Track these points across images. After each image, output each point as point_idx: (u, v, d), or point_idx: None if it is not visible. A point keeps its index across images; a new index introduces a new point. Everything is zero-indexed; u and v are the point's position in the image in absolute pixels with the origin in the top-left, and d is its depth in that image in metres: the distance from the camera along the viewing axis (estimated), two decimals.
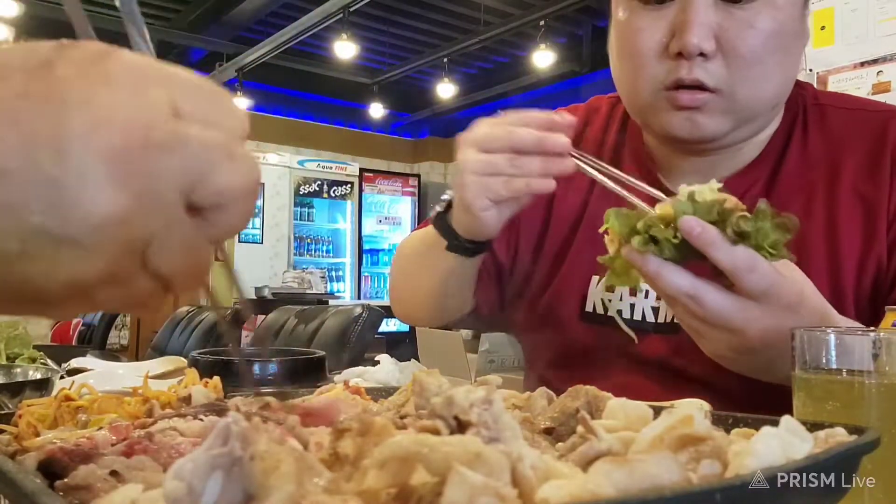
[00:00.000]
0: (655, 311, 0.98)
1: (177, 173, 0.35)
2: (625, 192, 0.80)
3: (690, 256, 0.67)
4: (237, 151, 0.38)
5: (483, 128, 0.86)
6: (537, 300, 1.07)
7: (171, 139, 0.35)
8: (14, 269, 0.34)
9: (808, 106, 1.00)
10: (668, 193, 0.79)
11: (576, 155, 0.82)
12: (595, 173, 0.82)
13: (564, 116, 0.84)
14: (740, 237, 0.65)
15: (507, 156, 0.82)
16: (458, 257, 0.97)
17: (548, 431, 0.54)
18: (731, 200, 0.67)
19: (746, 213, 0.66)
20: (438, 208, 0.97)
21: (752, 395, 0.80)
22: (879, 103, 1.06)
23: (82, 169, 0.33)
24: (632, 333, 0.92)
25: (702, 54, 0.87)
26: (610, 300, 1.00)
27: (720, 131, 0.92)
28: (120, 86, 0.35)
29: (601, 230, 0.73)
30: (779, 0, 0.88)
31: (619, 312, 0.99)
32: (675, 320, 0.79)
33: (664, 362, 0.96)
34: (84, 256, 0.34)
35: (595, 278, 1.02)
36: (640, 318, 0.98)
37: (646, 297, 0.98)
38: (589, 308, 1.02)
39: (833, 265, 0.91)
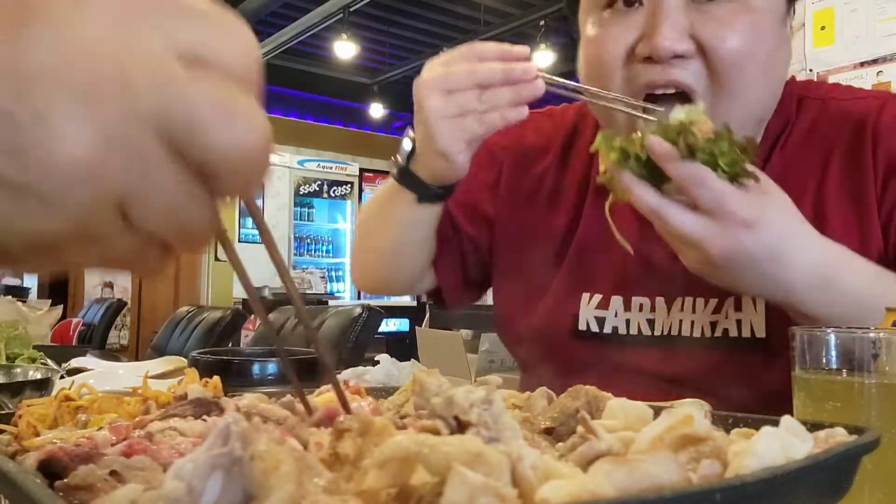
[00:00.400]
0: (651, 322, 0.96)
1: (157, 119, 0.30)
2: (605, 103, 0.82)
3: (659, 174, 0.70)
4: (238, 105, 0.32)
5: (439, 69, 0.82)
6: (526, 318, 1.04)
7: (154, 80, 0.30)
8: None
9: (800, 99, 0.97)
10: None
11: (543, 76, 0.81)
12: (564, 89, 0.84)
13: (522, 47, 0.83)
14: (692, 154, 0.68)
15: (475, 93, 0.80)
16: (423, 207, 0.94)
17: (548, 431, 0.54)
18: (707, 124, 0.70)
19: (710, 135, 0.69)
20: (400, 160, 0.93)
21: (748, 406, 0.80)
22: (863, 91, 1.01)
23: (45, 106, 0.28)
24: (626, 245, 0.83)
25: (679, 56, 0.82)
26: (604, 318, 0.98)
27: None
28: (101, 11, 0.30)
29: (591, 149, 0.75)
30: (755, 2, 0.84)
31: (615, 329, 0.97)
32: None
33: (661, 374, 0.94)
34: (47, 209, 0.29)
35: (586, 296, 0.99)
36: (635, 332, 0.96)
37: (640, 310, 0.96)
38: (582, 327, 0.99)
39: None
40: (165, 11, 0.31)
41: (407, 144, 0.91)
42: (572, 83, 0.83)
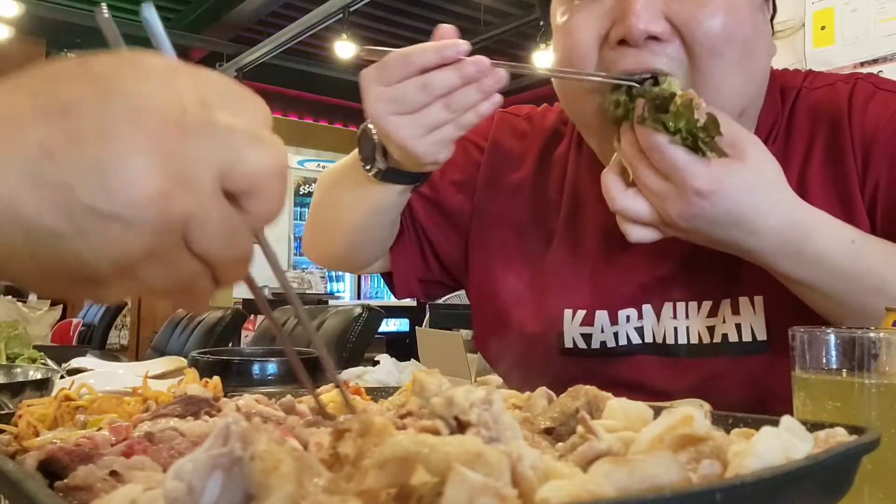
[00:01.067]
0: (640, 331, 0.94)
1: (209, 155, 0.38)
2: (570, 76, 0.85)
3: None
4: (264, 136, 0.40)
5: (387, 92, 0.78)
6: (507, 339, 1.00)
7: (201, 125, 0.38)
8: (68, 248, 0.36)
9: (781, 90, 0.95)
10: None
11: (497, 63, 0.77)
12: (526, 68, 0.88)
13: (455, 40, 0.77)
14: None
15: (439, 104, 0.76)
16: (393, 190, 0.90)
17: (548, 431, 0.54)
18: (688, 94, 0.74)
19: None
20: (379, 164, 0.88)
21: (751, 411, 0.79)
22: (832, 76, 0.97)
23: (124, 151, 0.36)
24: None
25: (654, 38, 0.79)
26: (591, 334, 0.95)
27: None
28: (152, 78, 0.39)
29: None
30: None
31: (604, 344, 0.94)
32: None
33: (652, 383, 0.92)
34: (129, 232, 0.36)
35: (568, 312, 0.96)
36: (625, 343, 0.94)
37: (627, 321, 0.94)
38: (568, 344, 0.96)
39: None
40: (197, 78, 0.41)
41: (369, 145, 0.88)
42: (527, 66, 0.87)
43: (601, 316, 0.94)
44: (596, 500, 0.33)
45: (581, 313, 0.95)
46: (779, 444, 0.40)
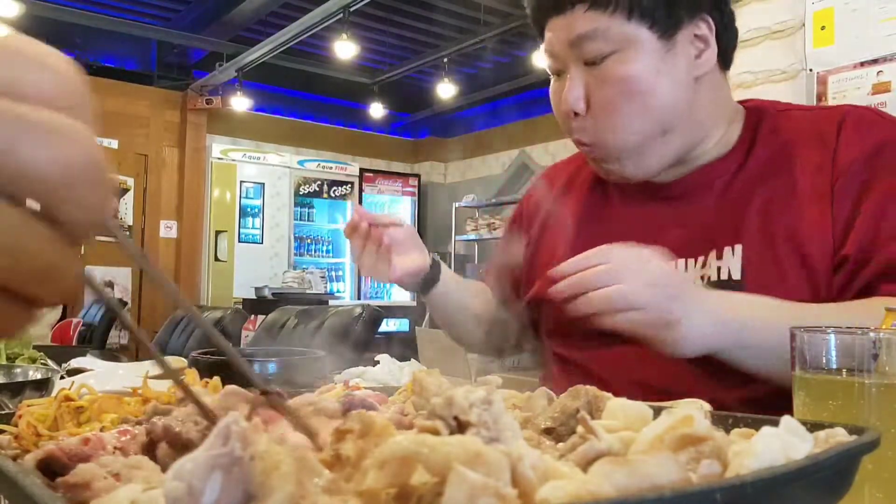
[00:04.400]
0: None
1: None
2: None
3: None
4: (54, 123, 0.30)
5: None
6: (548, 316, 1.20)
7: None
8: None
9: (768, 114, 1.11)
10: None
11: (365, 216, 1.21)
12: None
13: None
14: None
15: (367, 252, 1.21)
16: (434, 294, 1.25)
17: (548, 431, 0.54)
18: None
19: None
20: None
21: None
22: (833, 106, 1.15)
23: None
24: None
25: (577, 113, 1.05)
26: None
27: (628, 172, 1.08)
28: None
29: None
30: (628, 55, 1.01)
31: None
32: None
33: None
34: None
35: None
36: None
37: None
38: None
39: (799, 245, 0.99)
40: None
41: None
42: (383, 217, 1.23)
43: None
44: (596, 500, 0.33)
45: None
46: (779, 445, 0.40)
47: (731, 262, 1.01)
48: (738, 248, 1.01)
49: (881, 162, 0.98)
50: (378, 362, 1.29)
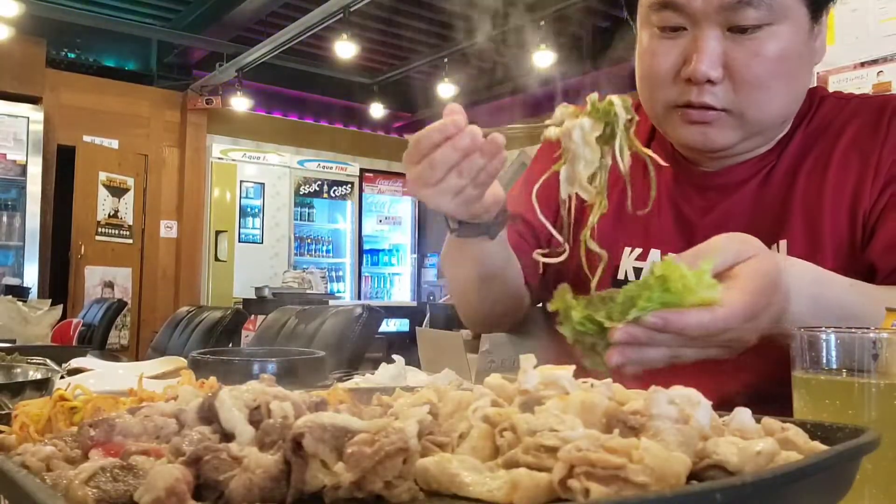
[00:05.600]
0: None
1: None
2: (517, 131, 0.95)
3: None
4: None
5: (413, 169, 0.93)
6: (565, 273, 1.05)
7: None
8: None
9: (812, 100, 1.08)
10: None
11: (489, 130, 0.89)
12: (516, 129, 0.95)
13: (453, 117, 0.89)
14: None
15: (453, 174, 0.90)
16: (479, 241, 1.04)
17: None
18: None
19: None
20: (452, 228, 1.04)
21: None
22: (879, 96, 1.15)
23: None
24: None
25: (710, 81, 0.96)
26: (642, 269, 1.09)
27: (730, 143, 1.01)
28: None
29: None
30: (782, 30, 0.95)
31: None
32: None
33: None
34: None
35: (627, 249, 1.11)
36: None
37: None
38: (620, 276, 1.11)
39: (814, 220, 0.99)
40: None
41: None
42: (513, 126, 0.91)
43: (654, 254, 1.11)
44: (596, 500, 0.33)
45: (638, 250, 1.12)
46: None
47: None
48: (783, 244, 1.00)
49: None
50: (383, 363, 1.29)
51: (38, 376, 1.04)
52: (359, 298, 8.75)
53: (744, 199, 1.06)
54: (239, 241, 8.08)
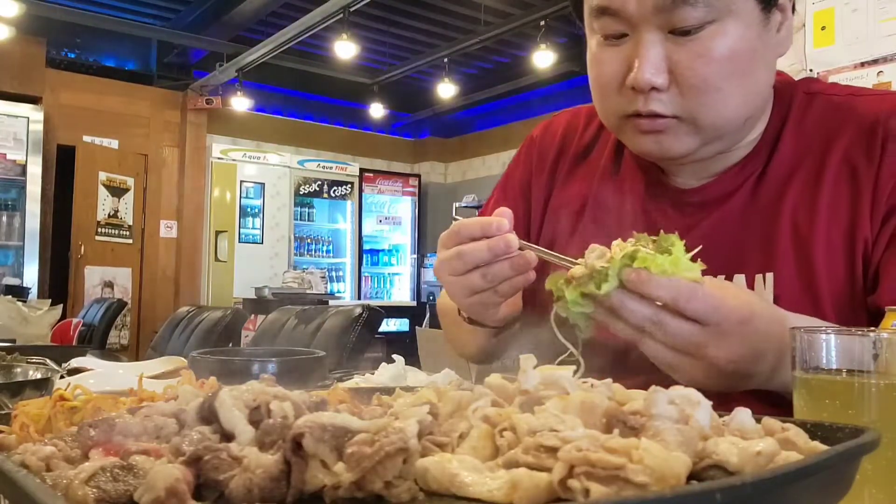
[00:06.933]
0: None
1: None
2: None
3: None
4: None
5: (444, 253, 0.90)
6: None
7: None
8: None
9: (798, 97, 1.02)
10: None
11: (526, 245, 0.88)
12: (549, 256, 0.86)
13: (499, 219, 0.88)
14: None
15: (478, 273, 0.88)
16: (489, 331, 1.04)
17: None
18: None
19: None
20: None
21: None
22: (867, 89, 1.07)
23: None
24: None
25: (655, 88, 0.91)
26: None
27: (688, 149, 0.96)
28: None
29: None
30: (728, 27, 0.89)
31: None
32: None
33: None
34: None
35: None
36: None
37: None
38: None
39: (804, 250, 0.93)
40: None
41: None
42: (548, 252, 0.87)
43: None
44: (596, 500, 0.33)
45: None
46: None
47: (763, 295, 0.93)
48: (770, 276, 0.94)
49: None
50: (378, 364, 1.29)
51: (38, 376, 1.04)
52: (359, 298, 8.75)
53: (727, 218, 0.99)
54: (239, 241, 8.08)
